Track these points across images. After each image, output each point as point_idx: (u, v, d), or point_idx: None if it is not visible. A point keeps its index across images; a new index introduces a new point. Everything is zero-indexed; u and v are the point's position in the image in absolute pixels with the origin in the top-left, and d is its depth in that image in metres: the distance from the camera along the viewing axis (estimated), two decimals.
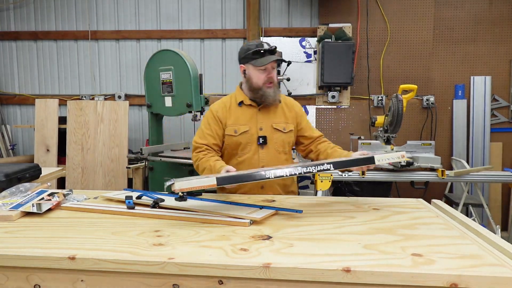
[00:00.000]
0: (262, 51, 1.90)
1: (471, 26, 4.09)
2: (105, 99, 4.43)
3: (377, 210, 1.58)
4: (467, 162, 3.85)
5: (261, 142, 1.97)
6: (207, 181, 1.32)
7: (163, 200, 1.58)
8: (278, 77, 3.53)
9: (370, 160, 1.54)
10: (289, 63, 3.69)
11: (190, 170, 3.19)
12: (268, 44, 1.94)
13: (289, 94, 3.78)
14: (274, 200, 1.75)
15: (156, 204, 1.55)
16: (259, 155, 1.97)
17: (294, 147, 2.16)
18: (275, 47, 1.95)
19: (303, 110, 2.15)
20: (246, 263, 1.02)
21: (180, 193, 1.66)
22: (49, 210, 1.52)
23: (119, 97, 4.41)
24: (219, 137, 2.00)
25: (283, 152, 2.01)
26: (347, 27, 4.04)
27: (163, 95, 3.28)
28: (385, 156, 1.56)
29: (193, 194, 1.74)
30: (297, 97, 3.79)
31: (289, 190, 2.09)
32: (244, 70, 2.00)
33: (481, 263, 1.02)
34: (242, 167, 1.96)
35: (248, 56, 1.94)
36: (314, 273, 0.98)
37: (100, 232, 1.27)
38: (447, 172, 3.06)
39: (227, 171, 1.68)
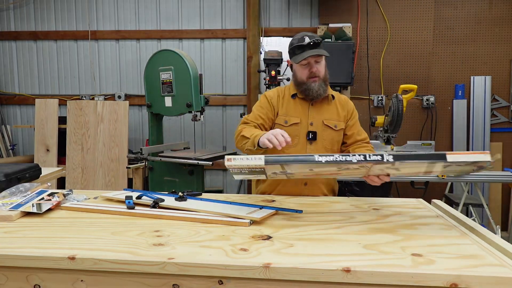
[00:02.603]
0: (302, 46, 1.84)
1: (471, 26, 4.09)
2: (105, 99, 4.43)
3: (377, 210, 1.58)
4: None
5: (310, 137, 1.92)
6: (256, 161, 1.23)
7: (163, 200, 1.58)
8: (279, 77, 3.53)
9: (441, 156, 1.19)
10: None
11: (190, 170, 3.19)
12: (311, 37, 1.84)
13: None
14: (274, 200, 1.75)
15: (156, 204, 1.55)
16: (306, 150, 1.93)
17: None
18: (318, 40, 1.84)
19: (356, 110, 2.06)
20: (246, 263, 1.02)
21: (180, 193, 1.67)
22: (49, 210, 1.51)
23: (119, 97, 4.41)
24: (270, 121, 1.98)
25: (331, 150, 1.95)
26: (347, 27, 4.04)
27: (163, 95, 3.28)
28: (463, 156, 1.19)
29: (193, 194, 1.74)
30: None
31: (332, 189, 2.04)
32: (291, 65, 1.97)
33: (481, 263, 1.02)
34: None
35: (291, 51, 1.91)
36: (314, 273, 0.98)
37: (100, 232, 1.27)
38: None
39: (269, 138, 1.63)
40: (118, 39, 4.43)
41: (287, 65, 2.02)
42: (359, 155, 1.23)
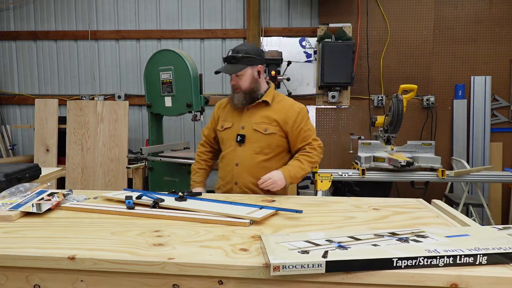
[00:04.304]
0: (223, 58, 2.04)
1: (471, 26, 4.09)
2: (105, 99, 4.43)
3: (377, 210, 1.58)
4: (467, 162, 3.85)
5: (238, 140, 2.04)
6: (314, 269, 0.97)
7: (163, 200, 1.58)
8: (279, 77, 3.53)
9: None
10: (289, 63, 3.69)
11: (190, 170, 3.19)
12: (233, 52, 1.98)
13: (289, 94, 3.78)
14: (274, 200, 1.75)
15: (156, 204, 1.55)
16: (236, 152, 2.05)
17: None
18: (232, 56, 1.97)
19: (302, 115, 2.04)
20: (246, 263, 1.02)
21: (180, 193, 1.68)
22: (49, 210, 1.51)
23: (119, 97, 4.41)
24: (214, 131, 2.22)
25: (262, 153, 2.01)
26: (347, 27, 4.04)
27: (163, 95, 3.28)
28: None
29: (193, 194, 1.74)
30: (297, 97, 3.78)
31: (265, 190, 1.94)
32: None
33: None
34: (223, 161, 2.13)
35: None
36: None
37: (100, 232, 1.27)
38: (447, 172, 3.06)
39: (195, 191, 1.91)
40: (118, 39, 4.43)
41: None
42: (446, 253, 0.99)
